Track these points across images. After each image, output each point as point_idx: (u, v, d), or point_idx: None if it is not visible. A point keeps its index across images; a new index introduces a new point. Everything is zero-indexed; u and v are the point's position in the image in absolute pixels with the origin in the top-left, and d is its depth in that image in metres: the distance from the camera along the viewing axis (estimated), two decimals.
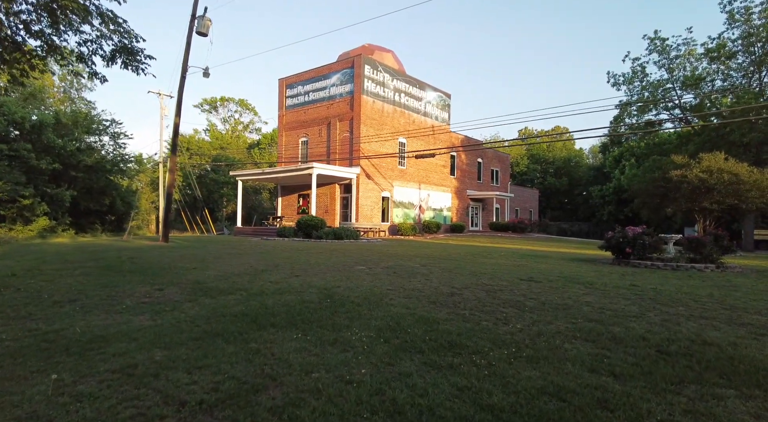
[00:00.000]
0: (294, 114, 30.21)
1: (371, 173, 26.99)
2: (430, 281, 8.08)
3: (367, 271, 9.42)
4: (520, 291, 7.17)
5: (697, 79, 32.67)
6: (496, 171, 40.71)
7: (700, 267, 10.75)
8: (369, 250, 15.18)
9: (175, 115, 16.21)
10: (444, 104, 33.62)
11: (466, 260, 12.43)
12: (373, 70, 27.30)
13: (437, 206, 32.89)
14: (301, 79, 29.86)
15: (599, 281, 8.31)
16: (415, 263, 10.92)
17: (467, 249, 17.29)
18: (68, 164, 27.35)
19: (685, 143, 33.84)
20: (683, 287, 7.78)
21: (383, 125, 27.76)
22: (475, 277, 8.70)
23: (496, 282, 8.03)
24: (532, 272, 9.56)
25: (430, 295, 6.83)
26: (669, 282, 8.51)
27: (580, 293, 7.03)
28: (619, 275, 9.57)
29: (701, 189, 18.25)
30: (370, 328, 5.09)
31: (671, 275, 9.82)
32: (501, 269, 10.03)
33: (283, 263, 10.57)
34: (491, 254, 14.61)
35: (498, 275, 9.05)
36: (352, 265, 10.44)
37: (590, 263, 12.25)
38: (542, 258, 13.63)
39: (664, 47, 35.29)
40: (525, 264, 11.42)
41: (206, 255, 12.37)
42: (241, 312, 5.89)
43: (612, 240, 12.11)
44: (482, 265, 11.05)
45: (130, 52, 9.70)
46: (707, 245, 11.00)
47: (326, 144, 28.05)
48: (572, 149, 74.20)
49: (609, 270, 10.46)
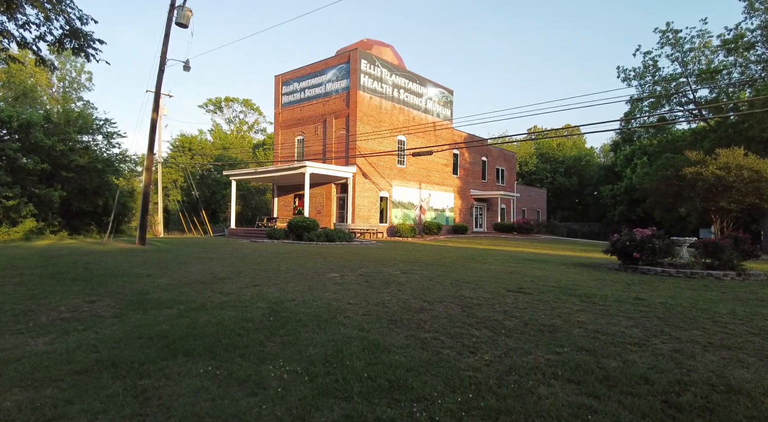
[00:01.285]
0: (290, 112, 29.31)
1: (368, 172, 25.95)
2: (403, 293, 7.01)
3: (337, 279, 8.38)
4: (502, 306, 6.07)
5: (713, 72, 31.06)
6: (502, 170, 39.41)
7: (718, 275, 9.52)
8: (355, 254, 14.15)
9: (152, 111, 15.35)
10: (446, 101, 32.46)
11: (456, 265, 11.32)
12: (370, 65, 26.27)
13: (439, 206, 31.74)
14: (297, 75, 28.95)
15: (599, 293, 7.16)
16: (396, 270, 9.85)
17: (463, 252, 16.16)
18: (59, 164, 26.74)
19: (700, 140, 32.26)
20: (699, 302, 6.60)
21: (381, 122, 26.71)
22: (457, 287, 7.61)
23: (478, 294, 6.94)
24: (523, 281, 8.43)
25: (395, 311, 5.77)
26: (682, 294, 7.33)
27: (573, 310, 5.90)
28: (624, 284, 8.39)
29: (718, 187, 16.90)
30: (302, 359, 4.06)
31: (684, 284, 8.62)
32: (489, 277, 8.92)
33: (249, 270, 9.59)
34: (486, 258, 13.48)
35: (483, 284, 7.94)
36: (325, 272, 9.41)
37: (593, 270, 11.07)
38: (541, 263, 12.46)
39: (677, 40, 33.71)
40: (519, 271, 10.28)
41: (173, 260, 11.44)
42: (162, 333, 4.92)
43: (617, 244, 10.91)
44: (471, 271, 9.94)
45: (77, 35, 8.78)
46: (726, 250, 9.76)
47: (322, 142, 27.10)
48: (583, 148, 72.47)
49: (613, 278, 9.27)
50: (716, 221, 17.97)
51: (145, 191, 15.32)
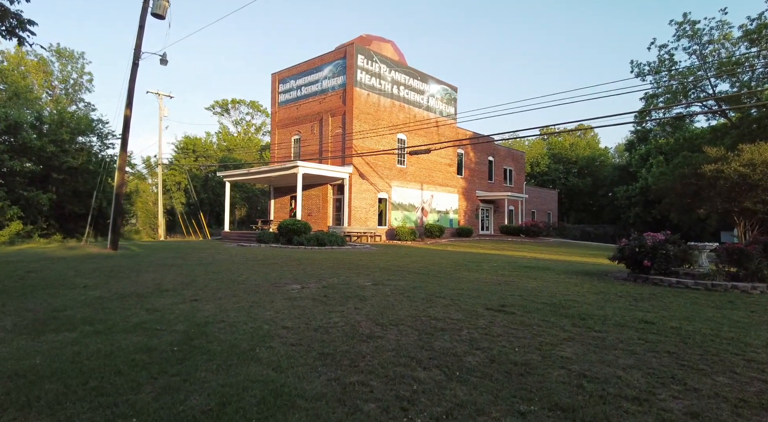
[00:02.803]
0: (286, 111, 28.35)
1: (365, 172, 24.81)
2: (359, 312, 5.83)
3: (294, 293, 7.23)
4: (471, 332, 4.84)
5: (734, 65, 29.22)
6: (510, 170, 37.91)
7: (744, 287, 8.12)
8: (338, 260, 12.99)
9: (125, 106, 14.42)
10: (450, 98, 31.16)
11: (442, 274, 10.08)
12: (368, 60, 25.15)
13: (442, 208, 30.43)
14: (294, 73, 27.99)
15: (597, 314, 5.87)
16: (369, 280, 8.66)
17: (458, 258, 14.88)
18: (51, 166, 26.19)
19: (720, 138, 30.38)
20: (723, 326, 5.27)
21: (379, 120, 25.56)
22: (428, 303, 6.40)
23: (448, 314, 5.71)
24: (510, 296, 7.17)
25: (334, 340, 4.58)
26: (701, 314, 5.99)
27: (560, 338, 4.64)
28: (630, 300, 7.07)
29: (742, 186, 15.34)
30: (169, 417, 2.94)
31: (705, 300, 7.25)
32: (472, 290, 7.67)
33: (203, 280, 8.49)
34: (481, 265, 12.19)
35: (461, 300, 6.71)
36: (287, 283, 8.26)
37: (597, 280, 9.72)
38: (540, 271, 11.13)
39: (695, 32, 31.92)
40: (510, 281, 9.00)
41: (130, 267, 10.43)
42: (24, 370, 3.88)
43: (625, 250, 9.55)
44: (455, 282, 8.70)
45: (4, 16, 7.79)
46: (755, 257, 8.35)
47: (318, 142, 26.05)
48: (597, 148, 70.44)
49: (618, 291, 7.94)
50: (740, 223, 16.37)
51: (117, 193, 14.40)
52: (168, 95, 38.08)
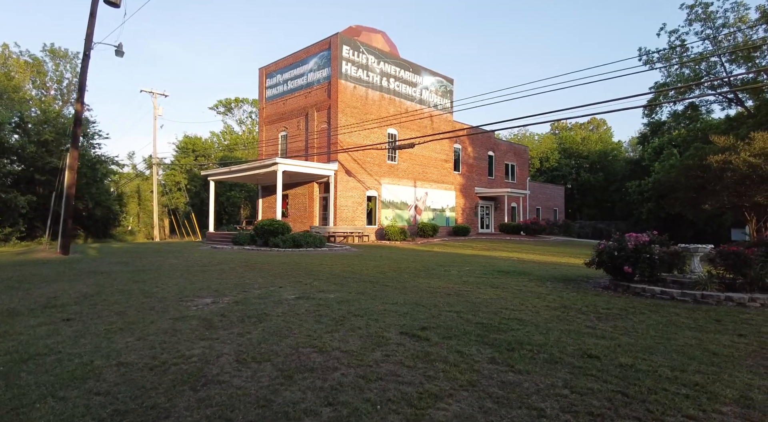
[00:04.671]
0: (274, 106, 27.36)
1: (352, 169, 23.66)
2: (239, 339, 4.69)
3: (193, 310, 6.14)
4: (344, 374, 3.65)
5: (751, 49, 27.19)
6: (512, 166, 36.32)
7: (741, 299, 6.73)
8: (297, 265, 11.90)
9: (76, 101, 13.53)
10: (445, 91, 29.77)
11: (395, 282, 8.88)
12: (354, 51, 23.96)
13: (437, 206, 29.10)
14: (280, 66, 26.96)
15: (534, 341, 4.61)
16: (297, 292, 7.52)
17: (435, 260, 13.63)
18: (35, 167, 25.69)
19: (735, 128, 28.35)
20: (692, 364, 3.97)
21: (367, 114, 24.36)
22: (335, 325, 5.22)
23: (345, 343, 4.52)
24: (446, 313, 5.95)
25: (163, 383, 3.45)
26: (671, 341, 4.69)
27: (457, 384, 3.42)
28: (591, 319, 5.77)
29: (753, 178, 13.75)
30: None
31: (685, 317, 5.92)
32: (407, 305, 6.47)
33: (109, 292, 7.47)
34: (449, 271, 10.94)
35: (381, 319, 5.52)
36: (200, 296, 7.18)
37: (572, 288, 8.40)
38: (512, 277, 9.84)
39: (708, 15, 29.91)
40: (465, 291, 7.75)
41: (49, 276, 9.50)
42: None
43: (603, 254, 8.20)
44: (399, 292, 7.50)
45: None
46: (754, 263, 6.95)
47: (304, 138, 24.98)
48: (609, 142, 68.09)
49: (584, 305, 6.64)
50: (751, 219, 14.75)
51: (67, 193, 13.54)
52: (162, 94, 37.55)
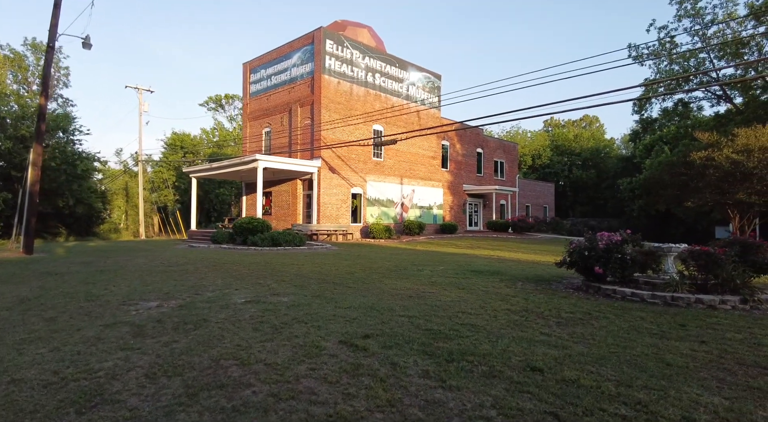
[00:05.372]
0: (257, 102, 26.88)
1: (336, 165, 23.25)
2: (157, 350, 4.33)
3: (132, 316, 5.77)
4: (245, 397, 3.30)
5: (739, 45, 27.00)
6: (501, 163, 36.03)
7: (711, 301, 6.44)
8: (267, 265, 11.53)
9: (40, 95, 13.06)
10: (433, 87, 29.39)
11: (362, 283, 8.52)
12: (338, 46, 23.51)
13: (425, 203, 28.77)
14: (264, 61, 26.47)
15: (479, 351, 4.27)
16: (249, 294, 7.16)
17: (412, 259, 13.30)
18: (11, 163, 25.12)
19: (724, 124, 28.23)
20: (640, 378, 3.65)
21: (352, 110, 23.94)
22: (273, 333, 4.87)
23: (273, 354, 4.17)
24: (398, 317, 5.60)
25: (20, 417, 3.09)
26: (628, 349, 4.37)
27: (369, 407, 3.08)
28: (550, 324, 5.46)
29: (735, 175, 13.50)
30: None
31: (650, 321, 5.62)
32: (364, 308, 6.12)
33: (51, 296, 7.09)
34: (422, 270, 10.61)
35: (327, 325, 5.17)
36: (146, 300, 6.81)
37: (542, 289, 8.09)
38: (483, 277, 9.52)
39: (696, 11, 29.69)
40: (429, 293, 7.42)
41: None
42: None
43: (574, 253, 7.89)
44: (361, 294, 7.15)
45: None
46: (725, 264, 6.65)
47: (288, 134, 24.54)
48: (602, 139, 68.11)
49: (548, 309, 6.32)
50: (734, 217, 14.51)
51: (30, 190, 13.05)
52: (148, 90, 36.93)
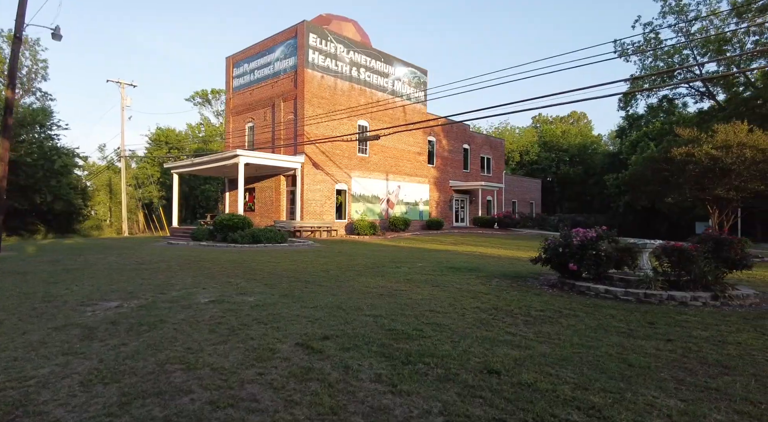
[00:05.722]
0: (241, 96, 26.46)
1: (320, 161, 22.99)
2: (85, 361, 4.12)
3: (86, 317, 5.54)
4: (182, 405, 3.11)
5: (721, 42, 27.21)
6: (488, 159, 36.02)
7: (683, 298, 6.38)
8: (243, 262, 11.31)
9: (6, 87, 12.61)
10: (419, 82, 29.20)
11: (337, 280, 8.35)
12: (322, 40, 23.19)
13: (411, 199, 28.64)
14: (248, 55, 26.05)
15: (440, 352, 4.13)
16: (214, 295, 6.95)
17: (393, 256, 13.15)
18: None
19: (706, 121, 28.49)
20: (599, 380, 3.54)
21: (336, 105, 23.67)
22: (229, 335, 4.68)
23: (223, 358, 3.99)
24: (365, 317, 5.45)
25: None
26: (593, 349, 4.27)
27: (309, 416, 2.92)
28: (518, 323, 5.35)
29: (714, 171, 13.55)
30: None
31: (619, 319, 5.54)
32: (330, 308, 5.96)
33: (6, 296, 6.80)
34: (400, 267, 10.46)
35: (288, 326, 5.00)
36: (108, 299, 6.57)
37: (517, 286, 8.00)
38: (461, 274, 9.42)
39: (680, 8, 29.88)
40: (403, 291, 7.28)
41: None
42: None
43: (549, 250, 7.80)
44: (331, 293, 6.97)
45: None
46: (697, 260, 6.61)
47: (271, 129, 24.20)
48: (589, 135, 68.59)
49: (520, 306, 6.22)
50: (714, 212, 14.60)
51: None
52: (130, 84, 36.22)
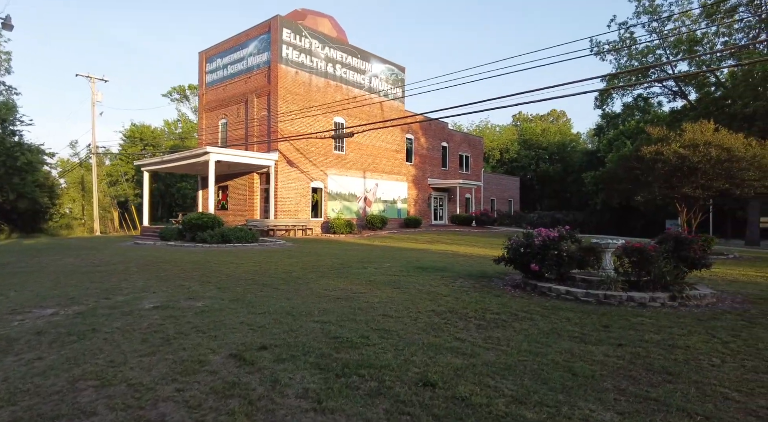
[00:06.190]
0: (214, 92, 25.83)
1: (295, 159, 22.59)
2: None
3: (9, 328, 5.16)
4: None
5: (692, 42, 27.70)
6: (467, 157, 36.05)
7: (642, 299, 6.32)
8: (205, 263, 10.92)
9: None
10: (396, 79, 28.97)
11: (296, 282, 8.08)
12: (296, 35, 22.75)
13: (389, 197, 28.44)
14: (221, 50, 25.41)
15: (377, 363, 3.92)
16: (161, 300, 6.61)
17: (362, 255, 12.92)
18: None
19: (678, 120, 29.01)
20: (538, 392, 3.37)
21: (311, 101, 23.27)
22: (162, 345, 4.39)
23: (145, 373, 3.71)
24: (312, 323, 5.20)
25: None
26: (541, 356, 4.11)
27: None
28: (470, 327, 5.18)
29: (682, 170, 13.68)
30: None
31: (575, 322, 5.42)
32: (280, 314, 5.69)
33: None
34: (366, 267, 10.24)
35: (225, 336, 4.72)
36: (44, 306, 6.18)
37: (480, 287, 7.86)
38: (430, 272, 9.25)
39: (654, 8, 30.29)
40: (364, 293, 7.05)
41: None
42: None
43: (511, 250, 7.68)
44: (285, 296, 6.70)
45: None
46: (656, 260, 6.55)
47: (244, 125, 23.67)
48: (568, 133, 69.51)
49: (477, 309, 6.06)
50: (682, 210, 14.78)
51: None
52: (101, 79, 35.09)
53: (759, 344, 4.47)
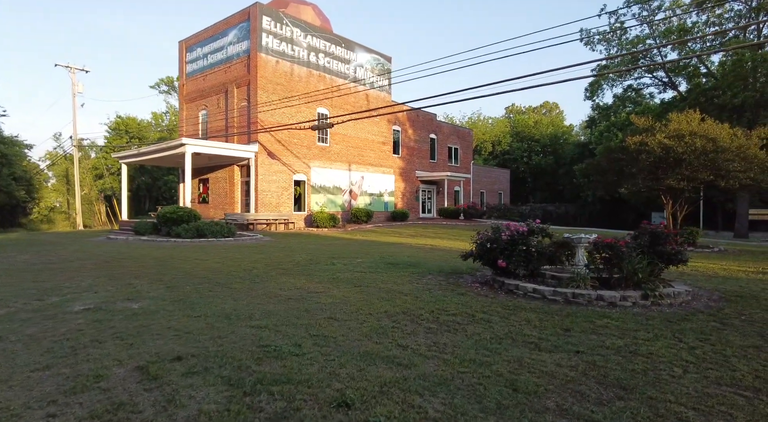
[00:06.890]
0: (194, 82, 25.12)
1: (276, 150, 22.02)
2: None
3: None
4: None
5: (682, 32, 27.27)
6: (455, 149, 35.56)
7: (612, 298, 5.92)
8: (169, 259, 10.44)
9: None
10: (383, 69, 28.34)
11: (261, 278, 7.62)
12: (277, 23, 22.07)
13: (375, 190, 27.95)
14: (201, 39, 24.67)
15: (301, 374, 3.47)
16: (92, 301, 6.14)
17: (343, 250, 12.47)
18: None
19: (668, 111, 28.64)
20: (487, 409, 2.96)
21: (293, 92, 22.65)
22: (69, 355, 3.93)
23: (18, 392, 3.24)
24: (250, 328, 4.75)
25: None
26: (490, 365, 3.68)
27: None
28: (424, 328, 4.74)
29: (668, 161, 13.30)
30: None
31: (535, 324, 5.01)
32: (216, 317, 5.24)
33: None
34: (335, 264, 9.80)
35: (148, 342, 4.26)
36: None
37: (446, 285, 7.44)
38: (400, 269, 8.82)
39: None
40: (319, 293, 6.61)
41: None
42: None
43: (479, 245, 7.24)
44: (236, 297, 6.25)
45: None
46: (628, 257, 6.15)
47: (224, 116, 23.03)
48: (561, 126, 69.11)
49: (435, 308, 5.64)
50: (667, 203, 14.43)
51: None
52: (82, 69, 34.19)
53: (727, 349, 4.07)
